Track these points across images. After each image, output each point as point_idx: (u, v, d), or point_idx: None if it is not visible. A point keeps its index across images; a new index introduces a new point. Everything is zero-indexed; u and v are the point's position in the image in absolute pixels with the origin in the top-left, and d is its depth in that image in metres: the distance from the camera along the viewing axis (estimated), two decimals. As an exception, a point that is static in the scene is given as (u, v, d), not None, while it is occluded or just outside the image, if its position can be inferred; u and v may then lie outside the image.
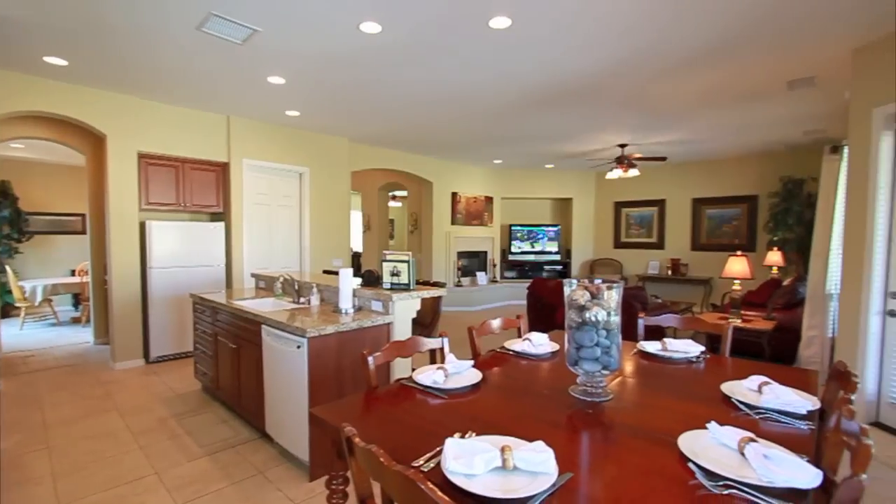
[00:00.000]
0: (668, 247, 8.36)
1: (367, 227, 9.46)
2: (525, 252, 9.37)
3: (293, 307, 3.16)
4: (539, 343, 2.20)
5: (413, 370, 1.82)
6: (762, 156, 7.15)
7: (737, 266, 5.12)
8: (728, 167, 7.55)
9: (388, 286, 3.01)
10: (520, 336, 2.41)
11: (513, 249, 9.35)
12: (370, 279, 3.22)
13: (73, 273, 7.46)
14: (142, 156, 4.64)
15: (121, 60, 3.59)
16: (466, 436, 1.22)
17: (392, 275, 3.01)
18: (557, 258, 9.36)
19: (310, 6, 2.73)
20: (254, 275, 4.43)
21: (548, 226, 9.39)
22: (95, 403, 3.61)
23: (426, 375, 1.71)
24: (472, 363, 1.88)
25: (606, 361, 1.52)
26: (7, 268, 6.51)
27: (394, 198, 9.92)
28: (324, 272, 4.91)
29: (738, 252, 5.40)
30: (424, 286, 3.24)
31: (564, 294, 1.58)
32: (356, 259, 10.06)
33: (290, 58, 3.51)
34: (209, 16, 2.84)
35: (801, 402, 1.42)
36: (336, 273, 3.51)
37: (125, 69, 3.78)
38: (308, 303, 3.22)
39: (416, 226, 8.40)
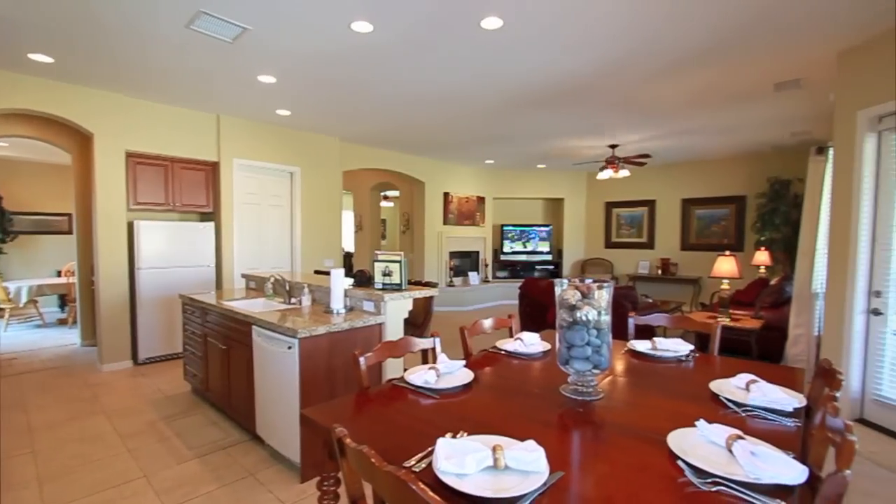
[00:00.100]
0: (658, 247, 8.44)
1: (359, 227, 9.43)
2: (517, 252, 9.40)
3: (284, 308, 3.14)
4: (530, 343, 2.21)
5: (405, 370, 1.82)
6: (750, 157, 7.24)
7: (725, 266, 5.19)
8: (717, 168, 7.64)
9: (380, 286, 3.01)
10: (511, 336, 2.42)
11: (504, 249, 9.37)
12: (362, 279, 3.21)
13: (59, 274, 7.34)
14: (130, 155, 4.57)
15: (108, 58, 3.54)
16: (458, 436, 1.23)
17: (384, 275, 3.00)
18: (549, 258, 9.40)
19: (301, 5, 2.71)
20: (244, 275, 4.39)
21: (539, 226, 9.43)
22: (82, 406, 3.56)
23: (418, 375, 1.70)
24: (464, 363, 1.89)
25: (597, 360, 1.53)
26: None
27: (385, 198, 9.89)
28: (315, 272, 4.89)
29: (727, 252, 5.47)
30: (416, 286, 3.23)
31: (556, 294, 1.59)
32: (348, 259, 10.01)
33: (281, 57, 3.48)
34: (198, 13, 2.81)
35: (788, 400, 1.44)
36: (327, 273, 3.50)
37: (113, 67, 3.73)
38: (299, 303, 3.20)
39: (408, 226, 8.39)
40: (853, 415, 3.20)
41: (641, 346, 2.18)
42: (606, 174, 6.61)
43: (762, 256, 6.30)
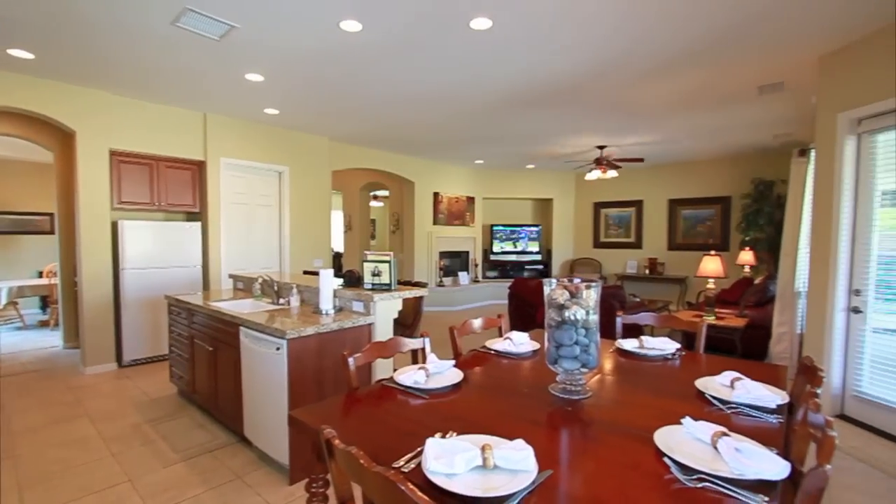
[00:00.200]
0: (646, 246, 8.54)
1: (349, 227, 9.38)
2: (507, 252, 9.43)
3: (272, 308, 3.11)
4: (520, 342, 2.22)
5: (394, 371, 1.81)
6: (735, 158, 7.36)
7: (711, 265, 5.26)
8: (702, 169, 7.75)
9: (370, 286, 2.99)
10: (501, 335, 2.42)
11: (494, 249, 9.40)
12: (351, 279, 3.20)
13: (41, 275, 7.19)
14: (114, 153, 4.49)
15: (91, 54, 3.48)
16: (447, 435, 1.23)
17: (373, 275, 2.99)
18: (538, 258, 9.45)
19: (289, 3, 2.69)
20: (232, 276, 4.34)
21: (529, 226, 9.47)
22: (65, 410, 3.49)
23: (407, 376, 1.70)
24: (454, 363, 1.89)
25: (585, 359, 1.54)
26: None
27: (375, 198, 9.85)
28: (304, 273, 4.85)
29: (712, 251, 5.54)
30: (406, 286, 3.23)
31: (544, 293, 1.60)
32: (337, 259, 9.96)
33: (269, 55, 3.45)
34: (184, 10, 2.77)
35: (771, 397, 1.47)
36: (316, 273, 3.47)
37: (96, 64, 3.66)
38: (288, 304, 3.18)
39: (398, 226, 8.37)
40: (834, 411, 3.27)
41: (629, 345, 2.20)
42: (595, 175, 6.67)
43: (747, 256, 6.41)
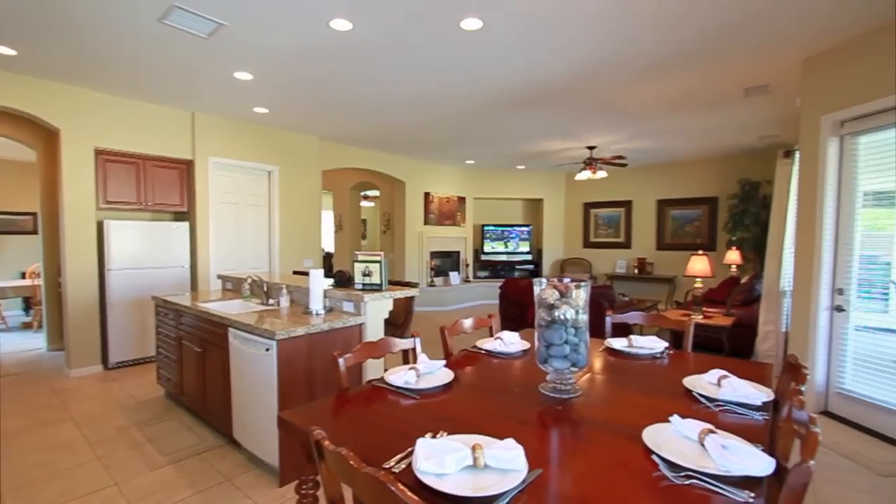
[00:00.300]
0: (635, 246, 8.62)
1: (339, 227, 9.33)
2: (497, 252, 9.46)
3: (262, 309, 3.08)
4: (510, 342, 2.23)
5: (385, 371, 1.81)
6: (722, 159, 7.46)
7: (698, 265, 5.33)
8: (690, 170, 7.85)
9: (360, 287, 2.98)
10: (491, 335, 2.43)
11: (485, 249, 9.42)
12: (341, 280, 3.18)
13: (24, 275, 7.04)
14: (99, 152, 4.42)
15: (76, 51, 3.42)
16: (438, 436, 1.23)
17: (364, 275, 2.98)
18: (529, 258, 9.49)
19: (278, 1, 2.67)
20: (220, 276, 4.29)
21: (519, 226, 9.51)
22: (49, 413, 3.42)
23: (398, 376, 1.70)
24: (444, 363, 1.89)
25: (575, 359, 1.55)
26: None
27: (366, 197, 9.82)
28: (294, 273, 4.82)
29: (700, 251, 5.62)
30: (397, 286, 3.22)
31: (534, 293, 1.61)
32: (328, 260, 9.90)
33: (258, 53, 3.42)
34: (172, 7, 2.74)
35: (757, 394, 1.50)
36: (306, 274, 3.45)
37: (81, 61, 3.60)
38: (277, 304, 3.15)
39: (389, 226, 8.35)
40: (818, 407, 3.33)
41: (618, 344, 2.22)
42: (585, 175, 6.72)
43: (733, 256, 6.50)
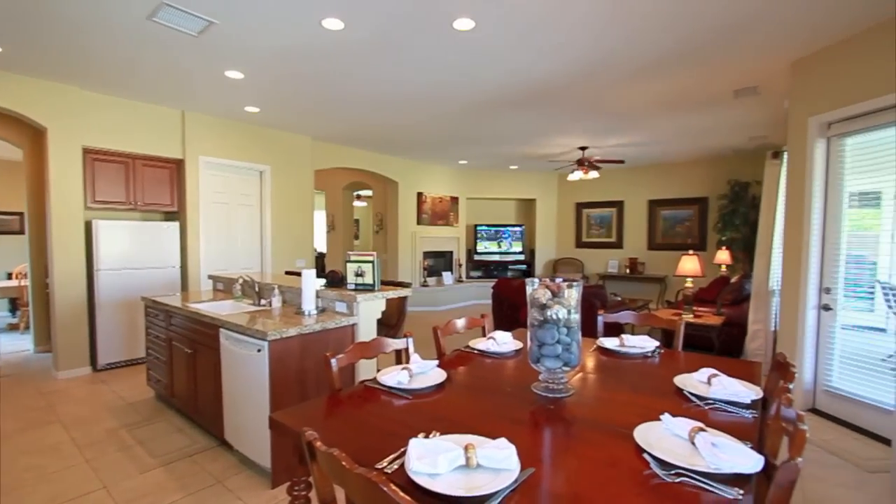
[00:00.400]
0: (627, 246, 8.68)
1: (332, 227, 9.29)
2: (490, 252, 9.47)
3: (253, 310, 3.06)
4: (503, 341, 2.23)
5: (378, 371, 1.81)
6: (712, 160, 7.54)
7: (689, 264, 5.38)
8: (681, 170, 7.92)
9: (353, 287, 2.97)
10: (484, 335, 2.43)
11: (478, 249, 9.43)
12: (334, 280, 3.17)
13: (10, 276, 6.93)
14: (87, 151, 4.36)
15: (64, 49, 3.37)
16: (430, 436, 1.23)
17: (356, 275, 2.97)
18: (522, 258, 9.52)
19: None
20: (211, 276, 4.26)
21: (512, 226, 9.53)
22: (36, 416, 3.37)
23: (391, 376, 1.70)
24: (437, 363, 1.89)
25: (567, 358, 1.56)
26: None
27: (359, 197, 9.79)
28: (286, 273, 4.79)
29: (691, 251, 5.67)
30: (389, 286, 3.22)
31: (527, 293, 1.61)
32: (320, 260, 9.87)
33: (249, 52, 3.40)
34: (161, 5, 2.71)
35: (746, 393, 1.51)
36: (299, 274, 3.43)
37: (69, 58, 3.55)
38: (269, 305, 3.13)
39: (382, 226, 8.33)
40: (806, 405, 3.38)
41: (610, 343, 2.24)
42: (577, 175, 6.75)
43: (723, 255, 6.58)
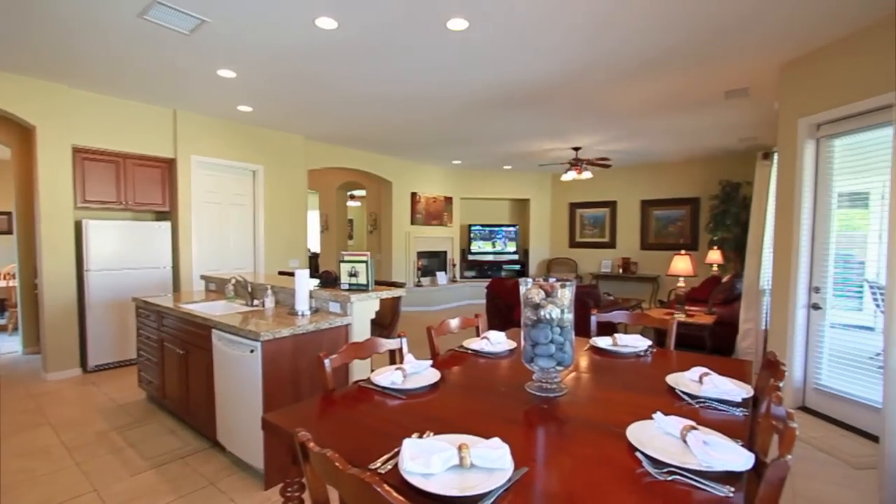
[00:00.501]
0: (620, 246, 8.73)
1: (325, 228, 9.26)
2: (484, 252, 9.49)
3: (246, 310, 3.04)
4: (497, 341, 2.24)
5: (372, 371, 1.80)
6: (703, 160, 7.60)
7: (681, 264, 5.42)
8: (673, 171, 7.98)
9: (346, 287, 2.97)
10: (478, 335, 2.43)
11: (472, 249, 9.44)
12: (328, 280, 3.16)
13: (-2, 277, 6.84)
14: (77, 150, 4.31)
15: (53, 46, 3.32)
16: (424, 436, 1.23)
17: (350, 275, 2.96)
18: (516, 257, 9.55)
19: (262, -1, 2.64)
20: (204, 277, 4.23)
21: (506, 226, 9.55)
22: (25, 418, 3.33)
23: (384, 376, 1.69)
24: (431, 363, 1.89)
25: (560, 357, 1.56)
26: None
27: (352, 197, 9.75)
28: (279, 273, 4.77)
29: (683, 251, 5.72)
30: (383, 286, 3.21)
31: (521, 293, 1.62)
32: (314, 260, 9.81)
33: (242, 51, 3.38)
34: (153, 3, 2.68)
35: (737, 391, 1.53)
36: (292, 274, 3.42)
37: (58, 56, 3.50)
38: (262, 305, 3.12)
39: (376, 226, 8.31)
40: (796, 403, 3.42)
41: (603, 343, 2.25)
42: (570, 176, 6.78)
43: (715, 255, 6.63)
